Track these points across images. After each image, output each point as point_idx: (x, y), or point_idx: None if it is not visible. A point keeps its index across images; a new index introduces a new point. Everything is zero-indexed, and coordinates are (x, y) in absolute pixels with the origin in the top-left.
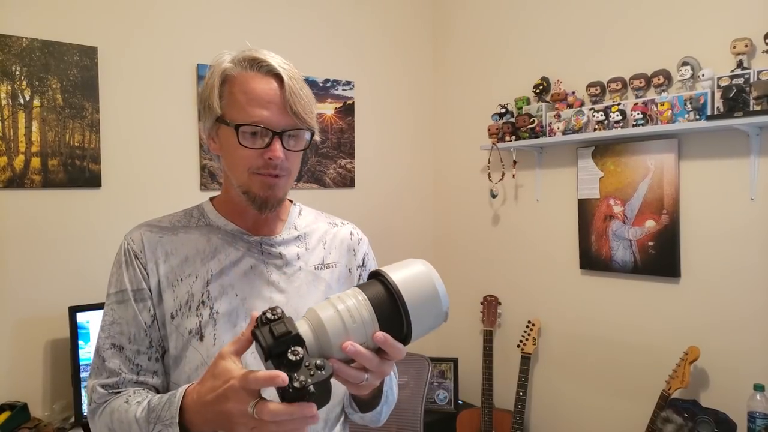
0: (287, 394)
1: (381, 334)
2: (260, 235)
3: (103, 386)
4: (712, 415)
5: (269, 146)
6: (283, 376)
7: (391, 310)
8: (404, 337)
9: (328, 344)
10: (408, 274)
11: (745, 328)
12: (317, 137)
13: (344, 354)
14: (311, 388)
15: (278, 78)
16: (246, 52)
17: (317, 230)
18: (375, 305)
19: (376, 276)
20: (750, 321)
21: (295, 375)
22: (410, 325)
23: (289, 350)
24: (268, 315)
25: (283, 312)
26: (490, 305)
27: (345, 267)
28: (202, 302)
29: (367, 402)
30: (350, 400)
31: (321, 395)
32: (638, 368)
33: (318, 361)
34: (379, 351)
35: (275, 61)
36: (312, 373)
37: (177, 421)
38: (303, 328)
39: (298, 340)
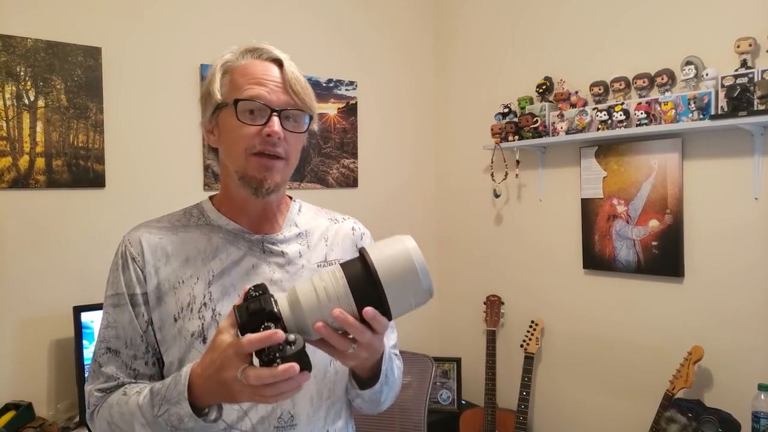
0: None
1: (370, 310)
2: (261, 233)
3: (100, 390)
4: (716, 415)
5: (267, 123)
6: (279, 333)
7: (367, 286)
8: (384, 312)
9: (303, 319)
10: (388, 251)
11: (749, 328)
12: (315, 125)
13: (331, 322)
14: (278, 362)
15: (278, 63)
16: (247, 45)
17: (319, 227)
18: (351, 282)
19: (360, 253)
20: (754, 320)
21: (265, 349)
22: (386, 300)
23: (262, 326)
24: (251, 292)
25: (265, 289)
26: (493, 305)
27: None
28: (204, 304)
29: (366, 379)
30: (350, 376)
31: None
32: (642, 368)
33: (291, 337)
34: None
35: (276, 50)
36: (281, 347)
37: (186, 395)
38: (282, 303)
39: (272, 317)
